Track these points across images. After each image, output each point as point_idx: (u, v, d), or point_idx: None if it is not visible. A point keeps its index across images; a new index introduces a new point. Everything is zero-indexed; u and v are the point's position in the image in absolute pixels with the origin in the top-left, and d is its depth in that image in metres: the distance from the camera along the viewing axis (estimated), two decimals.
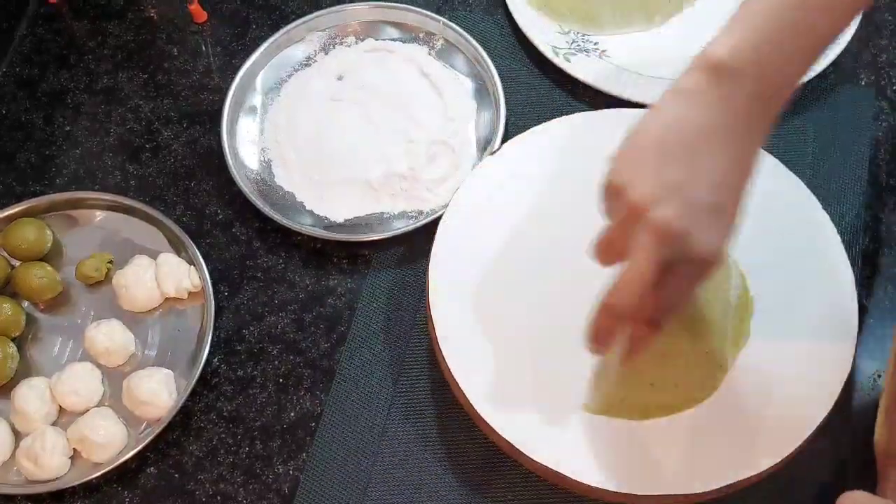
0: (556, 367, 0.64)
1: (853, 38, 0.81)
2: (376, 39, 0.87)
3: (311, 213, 0.78)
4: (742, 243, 0.68)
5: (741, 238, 0.68)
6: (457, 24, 0.85)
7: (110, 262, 0.76)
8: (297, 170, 0.80)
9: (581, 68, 0.82)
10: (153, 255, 0.75)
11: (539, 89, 0.83)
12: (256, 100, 0.84)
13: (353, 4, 0.87)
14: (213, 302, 0.73)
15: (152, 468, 0.69)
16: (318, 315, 0.74)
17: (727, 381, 0.63)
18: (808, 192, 0.70)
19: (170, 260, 0.74)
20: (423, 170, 0.78)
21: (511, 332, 0.66)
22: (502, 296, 0.67)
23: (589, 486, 0.60)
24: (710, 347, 0.64)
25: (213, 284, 0.74)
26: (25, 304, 0.75)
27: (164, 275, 0.73)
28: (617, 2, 0.86)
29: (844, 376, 0.62)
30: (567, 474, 0.60)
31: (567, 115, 0.75)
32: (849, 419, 0.66)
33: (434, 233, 0.69)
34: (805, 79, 0.78)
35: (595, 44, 0.84)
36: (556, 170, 0.72)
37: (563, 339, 0.65)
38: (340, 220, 0.78)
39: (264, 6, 0.91)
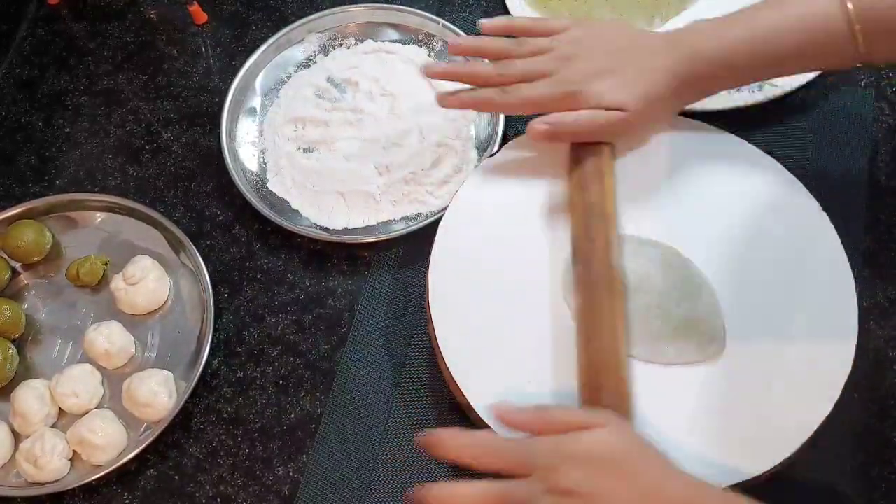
0: (556, 368, 0.64)
1: None
2: (376, 41, 0.87)
3: (308, 218, 0.78)
4: (741, 244, 0.69)
5: (741, 239, 0.69)
6: (456, 25, 0.85)
7: (105, 263, 0.76)
8: (290, 178, 0.79)
9: None
10: (154, 256, 0.75)
11: None
12: (256, 101, 0.84)
13: (352, 6, 0.87)
14: (212, 303, 0.73)
15: (152, 470, 0.69)
16: (319, 316, 0.74)
17: (727, 381, 0.63)
18: (807, 192, 0.70)
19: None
20: (426, 173, 0.78)
21: (511, 332, 0.66)
22: (502, 296, 0.67)
23: None
24: None
25: (213, 286, 0.74)
26: (25, 305, 0.75)
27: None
28: (616, 3, 0.86)
29: (844, 376, 0.62)
30: None
31: None
32: (849, 419, 0.66)
33: (434, 234, 0.69)
34: (805, 80, 0.78)
35: None
36: (555, 171, 0.72)
37: (563, 339, 0.65)
38: (340, 227, 0.77)
39: (264, 7, 0.91)
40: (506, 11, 0.86)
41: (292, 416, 0.70)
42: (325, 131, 0.81)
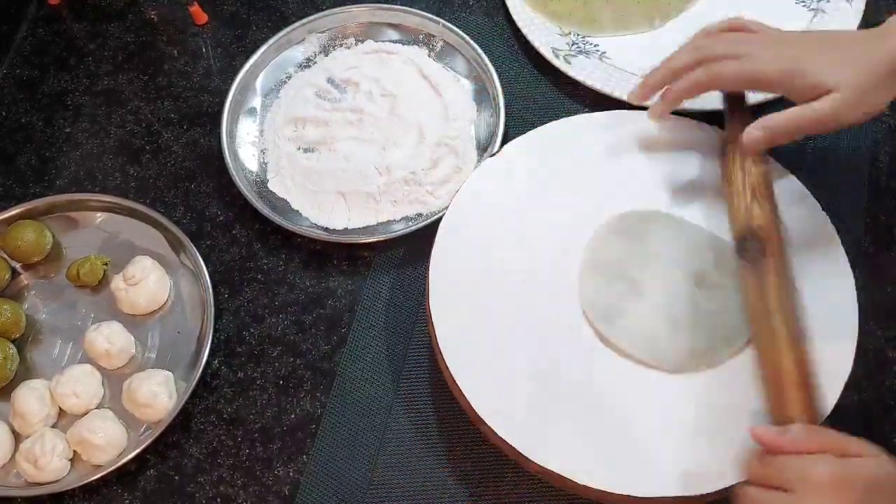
0: (556, 369, 0.64)
1: None
2: (376, 41, 0.87)
3: (308, 218, 0.78)
4: None
5: None
6: (457, 25, 0.85)
7: (106, 263, 0.76)
8: (291, 178, 0.79)
9: (581, 70, 0.82)
10: (154, 256, 0.75)
11: (539, 91, 0.83)
12: (256, 101, 0.84)
13: (353, 6, 0.87)
14: (213, 304, 0.73)
15: (152, 470, 0.69)
16: (319, 317, 0.74)
17: (727, 382, 0.63)
18: (807, 193, 0.70)
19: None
20: (426, 173, 0.78)
21: (511, 332, 0.66)
22: (502, 296, 0.67)
23: (589, 487, 0.60)
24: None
25: (214, 286, 0.74)
26: (25, 305, 0.75)
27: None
28: (617, 4, 0.86)
29: (845, 377, 0.62)
30: (567, 476, 0.60)
31: (567, 116, 0.75)
32: (849, 419, 0.66)
33: (434, 234, 0.69)
34: None
35: (595, 46, 0.84)
36: (555, 171, 0.72)
37: (563, 339, 0.65)
38: (340, 227, 0.77)
39: (264, 8, 0.91)
40: (506, 12, 0.86)
41: (292, 416, 0.70)
42: (326, 131, 0.81)
